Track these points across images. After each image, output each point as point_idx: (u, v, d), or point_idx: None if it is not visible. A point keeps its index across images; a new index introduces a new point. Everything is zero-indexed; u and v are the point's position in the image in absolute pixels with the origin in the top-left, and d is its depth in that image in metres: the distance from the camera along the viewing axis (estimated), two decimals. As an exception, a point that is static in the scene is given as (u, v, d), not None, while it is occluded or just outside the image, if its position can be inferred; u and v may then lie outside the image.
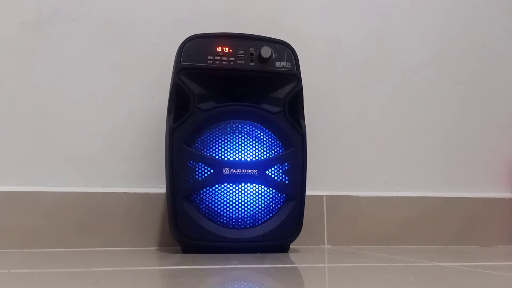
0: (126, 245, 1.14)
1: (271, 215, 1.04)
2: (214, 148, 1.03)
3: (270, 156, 1.05)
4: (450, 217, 1.33)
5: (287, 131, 1.06)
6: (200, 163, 1.02)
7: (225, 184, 1.03)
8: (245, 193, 1.03)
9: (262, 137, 1.06)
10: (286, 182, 1.05)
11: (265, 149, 1.05)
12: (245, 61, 1.05)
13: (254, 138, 1.05)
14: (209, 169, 1.02)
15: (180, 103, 1.03)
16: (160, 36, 1.22)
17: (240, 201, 1.03)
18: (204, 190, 1.02)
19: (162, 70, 1.17)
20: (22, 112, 1.14)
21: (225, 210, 1.02)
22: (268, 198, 1.05)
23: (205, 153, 1.02)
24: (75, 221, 1.12)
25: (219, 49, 1.05)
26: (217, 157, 1.03)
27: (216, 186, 1.02)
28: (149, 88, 1.20)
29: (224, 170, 1.02)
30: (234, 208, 1.03)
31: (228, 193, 1.03)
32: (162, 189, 1.16)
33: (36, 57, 1.16)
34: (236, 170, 1.02)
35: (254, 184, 1.04)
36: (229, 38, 1.06)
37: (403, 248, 1.22)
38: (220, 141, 1.04)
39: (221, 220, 1.02)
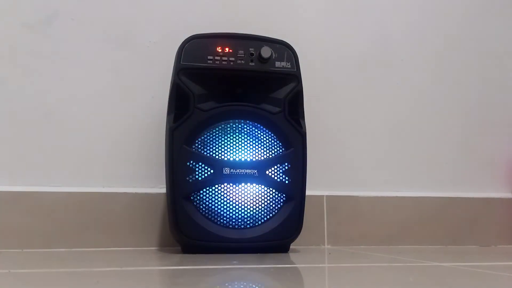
0: (126, 245, 1.14)
1: (271, 215, 1.04)
2: (214, 148, 1.03)
3: (270, 156, 1.05)
4: (450, 217, 1.33)
5: (287, 131, 1.06)
6: (200, 163, 1.02)
7: (225, 184, 1.03)
8: (245, 193, 1.03)
9: (262, 137, 1.06)
10: (286, 182, 1.05)
11: (265, 149, 1.05)
12: (245, 61, 1.05)
13: (254, 138, 1.05)
14: (209, 169, 1.02)
15: (180, 103, 1.03)
16: (160, 36, 1.22)
17: (240, 201, 1.03)
18: (204, 190, 1.02)
19: (162, 70, 1.17)
20: (22, 112, 1.14)
21: (225, 210, 1.02)
22: (268, 198, 1.05)
23: (205, 153, 1.02)
24: (75, 221, 1.12)
25: (219, 49, 1.05)
26: (217, 157, 1.03)
27: (216, 186, 1.02)
28: (149, 88, 1.20)
29: (224, 170, 1.02)
30: (234, 208, 1.03)
31: (228, 193, 1.03)
32: (162, 189, 1.16)
33: (36, 57, 1.16)
34: (236, 170, 1.02)
35: (254, 184, 1.04)
36: (229, 38, 1.06)
37: (403, 248, 1.22)
38: (220, 141, 1.04)
39: (221, 220, 1.02)
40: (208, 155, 1.02)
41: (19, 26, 1.16)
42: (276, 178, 1.05)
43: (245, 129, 1.05)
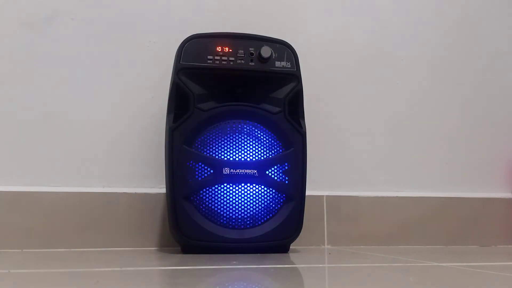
0: (126, 245, 1.14)
1: (271, 215, 1.04)
2: (214, 148, 1.03)
3: (270, 156, 1.05)
4: (450, 217, 1.33)
5: (287, 131, 1.06)
6: (200, 163, 1.02)
7: (225, 184, 1.03)
8: (245, 193, 1.03)
9: (262, 137, 1.06)
10: (286, 182, 1.05)
11: (265, 149, 1.05)
12: (245, 61, 1.05)
13: (254, 138, 1.05)
14: (209, 169, 1.02)
15: (180, 103, 1.03)
16: (160, 36, 1.22)
17: (240, 201, 1.03)
18: (204, 190, 1.02)
19: (162, 70, 1.17)
20: (22, 112, 1.14)
21: (225, 210, 1.02)
22: (268, 198, 1.04)
23: (205, 153, 1.02)
24: (75, 221, 1.12)
25: (219, 48, 1.05)
26: (217, 157, 1.03)
27: (216, 186, 1.02)
28: (149, 88, 1.20)
29: (224, 170, 1.02)
30: (234, 208, 1.03)
31: (228, 193, 1.03)
32: (162, 189, 1.16)
33: (36, 57, 1.16)
34: (236, 170, 1.02)
35: (254, 184, 1.04)
36: (229, 38, 1.06)
37: (403, 248, 1.22)
38: (220, 141, 1.04)
39: (221, 220, 1.02)
40: (208, 155, 1.02)
41: (19, 26, 1.16)
42: (276, 178, 1.05)
43: (245, 129, 1.05)
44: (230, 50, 1.05)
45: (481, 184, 1.38)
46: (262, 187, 1.04)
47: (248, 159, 1.04)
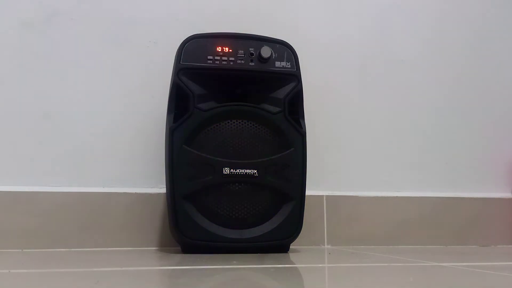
0: (126, 245, 1.14)
1: (271, 215, 1.04)
2: (214, 148, 1.03)
3: (270, 156, 1.05)
4: (450, 217, 1.33)
5: (287, 131, 1.06)
6: (200, 163, 1.02)
7: (225, 184, 1.03)
8: (245, 194, 1.03)
9: (262, 137, 1.06)
10: (286, 182, 1.05)
11: (265, 149, 1.05)
12: (245, 61, 1.05)
13: (254, 138, 1.05)
14: (209, 169, 1.02)
15: (180, 103, 1.03)
16: (160, 36, 1.22)
17: (240, 201, 1.03)
18: (204, 190, 1.02)
19: (162, 70, 1.17)
20: (22, 112, 1.14)
21: (225, 210, 1.02)
22: (268, 198, 1.04)
23: (205, 153, 1.02)
24: (75, 221, 1.12)
25: (219, 49, 1.05)
26: (217, 157, 1.03)
27: (216, 186, 1.02)
28: (149, 88, 1.20)
29: (224, 170, 1.02)
30: (234, 208, 1.03)
31: (228, 193, 1.03)
32: (162, 189, 1.16)
33: (36, 57, 1.16)
34: (236, 170, 1.02)
35: (254, 184, 1.04)
36: (229, 38, 1.06)
37: (403, 248, 1.22)
38: (220, 141, 1.04)
39: (221, 220, 1.02)
40: (208, 155, 1.02)
41: (18, 25, 1.16)
42: (276, 178, 1.04)
43: (245, 129, 1.05)
44: (230, 50, 1.05)
45: (481, 184, 1.38)
46: (262, 187, 1.04)
47: (248, 159, 1.04)
